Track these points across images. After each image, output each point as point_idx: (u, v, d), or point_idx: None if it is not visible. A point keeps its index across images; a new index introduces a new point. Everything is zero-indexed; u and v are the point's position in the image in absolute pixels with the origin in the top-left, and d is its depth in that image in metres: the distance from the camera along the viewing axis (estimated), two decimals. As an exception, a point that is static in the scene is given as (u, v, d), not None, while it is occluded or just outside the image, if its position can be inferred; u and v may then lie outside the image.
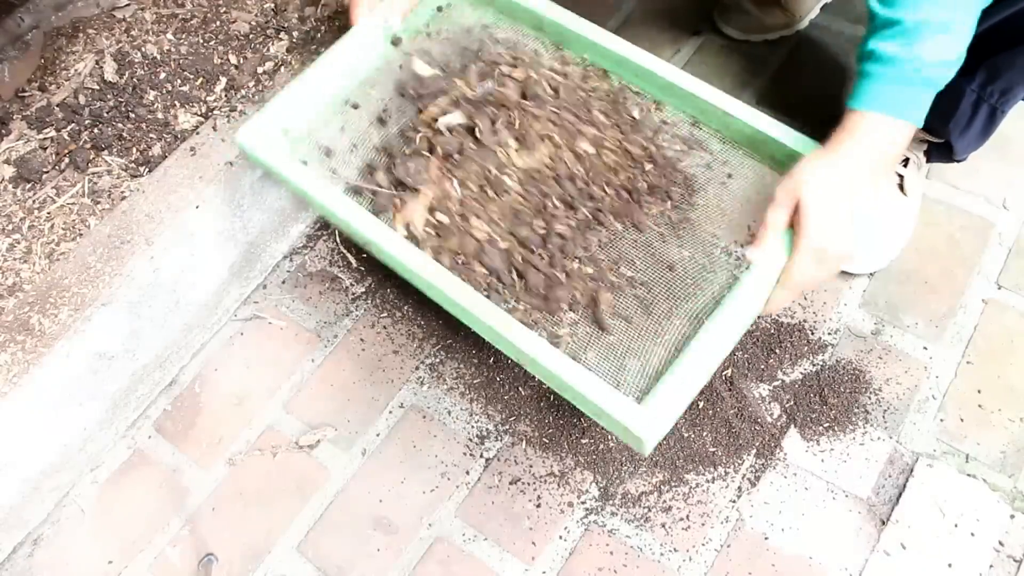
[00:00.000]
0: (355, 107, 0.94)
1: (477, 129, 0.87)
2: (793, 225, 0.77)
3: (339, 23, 1.18)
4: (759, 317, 1.05)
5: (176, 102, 1.11)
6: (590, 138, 0.87)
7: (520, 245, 0.84)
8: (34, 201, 1.03)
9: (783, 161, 0.84)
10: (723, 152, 0.89)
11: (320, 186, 0.85)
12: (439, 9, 1.01)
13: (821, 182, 0.75)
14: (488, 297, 0.79)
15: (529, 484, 0.97)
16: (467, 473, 0.98)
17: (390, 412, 1.03)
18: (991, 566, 0.88)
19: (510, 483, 0.97)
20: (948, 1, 0.71)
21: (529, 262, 0.82)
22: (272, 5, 1.21)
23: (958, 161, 1.08)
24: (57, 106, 1.10)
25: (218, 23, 1.19)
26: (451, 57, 0.97)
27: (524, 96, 0.89)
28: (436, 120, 0.90)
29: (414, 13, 0.98)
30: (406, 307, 1.10)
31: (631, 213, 0.86)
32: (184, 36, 1.18)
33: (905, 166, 1.08)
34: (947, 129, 0.98)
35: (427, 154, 0.88)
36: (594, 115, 0.89)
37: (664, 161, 0.88)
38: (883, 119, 0.75)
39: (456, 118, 0.89)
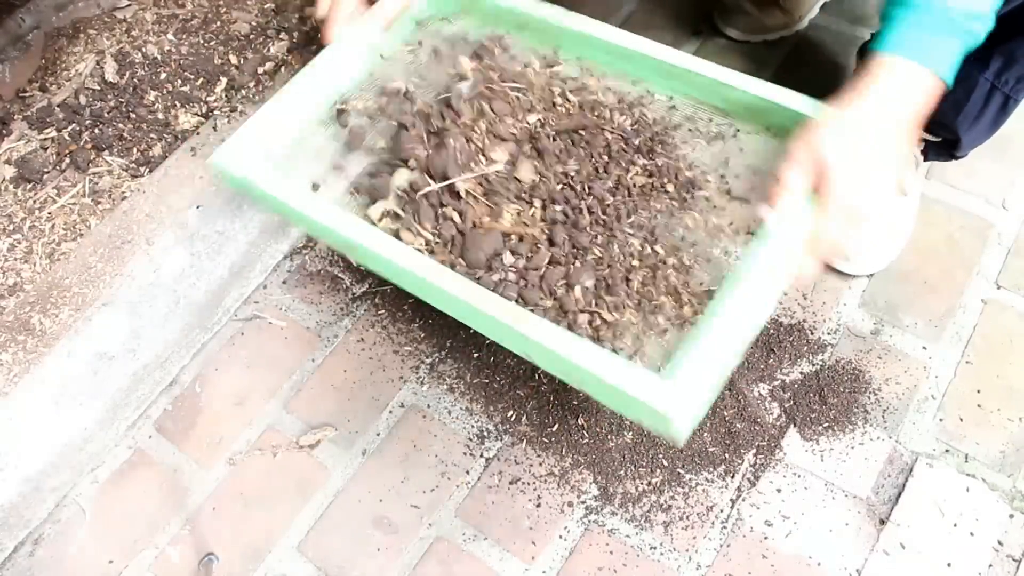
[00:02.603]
0: (344, 125, 0.89)
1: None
2: (815, 185, 0.71)
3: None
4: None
5: (177, 102, 1.11)
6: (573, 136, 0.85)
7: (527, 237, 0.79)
8: (35, 201, 1.03)
9: (791, 129, 0.77)
10: (726, 126, 0.84)
11: (315, 204, 0.79)
12: (418, 24, 0.95)
13: (845, 135, 0.69)
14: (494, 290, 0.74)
15: (529, 484, 0.97)
16: (467, 473, 0.98)
17: (390, 412, 1.04)
18: (990, 566, 0.88)
19: (510, 483, 0.97)
20: None
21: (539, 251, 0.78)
22: (272, 5, 1.22)
23: (956, 158, 1.08)
24: (58, 106, 1.10)
25: (219, 23, 1.20)
26: (436, 72, 0.92)
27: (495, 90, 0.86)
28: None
29: (394, 27, 0.93)
30: (406, 307, 1.11)
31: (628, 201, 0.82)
32: (185, 36, 1.18)
33: (904, 166, 1.08)
34: (956, 121, 0.96)
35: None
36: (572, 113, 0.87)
37: (660, 147, 0.84)
38: (908, 65, 0.70)
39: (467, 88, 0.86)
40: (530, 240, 0.79)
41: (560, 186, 0.83)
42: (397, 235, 0.80)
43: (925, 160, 1.10)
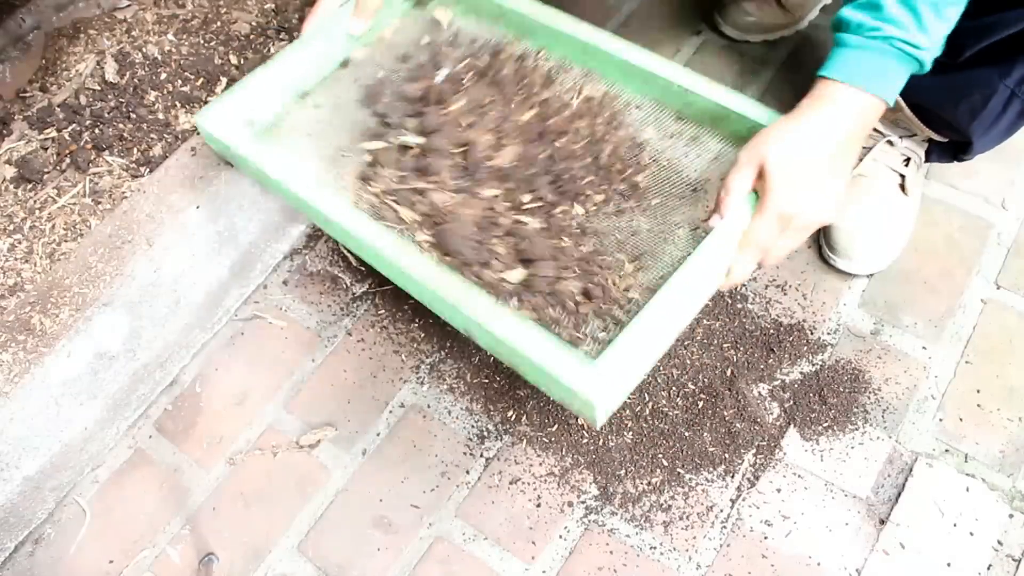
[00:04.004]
0: (316, 105, 0.93)
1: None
2: (757, 191, 0.75)
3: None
4: (741, 300, 1.05)
5: (177, 102, 1.11)
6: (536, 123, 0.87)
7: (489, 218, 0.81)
8: (35, 201, 1.03)
9: (747, 136, 0.80)
10: (682, 131, 0.87)
11: (289, 172, 0.83)
12: (403, 14, 1.00)
13: (787, 146, 0.73)
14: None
15: (529, 484, 0.97)
16: (467, 473, 0.99)
17: (390, 412, 1.04)
18: (990, 566, 0.88)
19: (510, 483, 0.97)
20: None
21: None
22: (272, 5, 1.22)
23: (961, 161, 1.08)
24: (58, 106, 1.10)
25: (219, 23, 1.20)
26: (409, 55, 0.96)
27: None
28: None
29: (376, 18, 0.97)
30: (406, 307, 1.11)
31: (583, 190, 0.84)
32: (185, 37, 1.18)
33: (906, 165, 1.08)
34: (971, 127, 0.96)
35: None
36: (539, 99, 0.89)
37: (617, 140, 0.86)
38: (848, 90, 0.73)
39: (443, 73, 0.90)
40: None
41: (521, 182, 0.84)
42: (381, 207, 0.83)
43: (927, 161, 1.10)
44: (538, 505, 0.96)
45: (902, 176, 1.07)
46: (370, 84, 0.94)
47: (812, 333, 1.04)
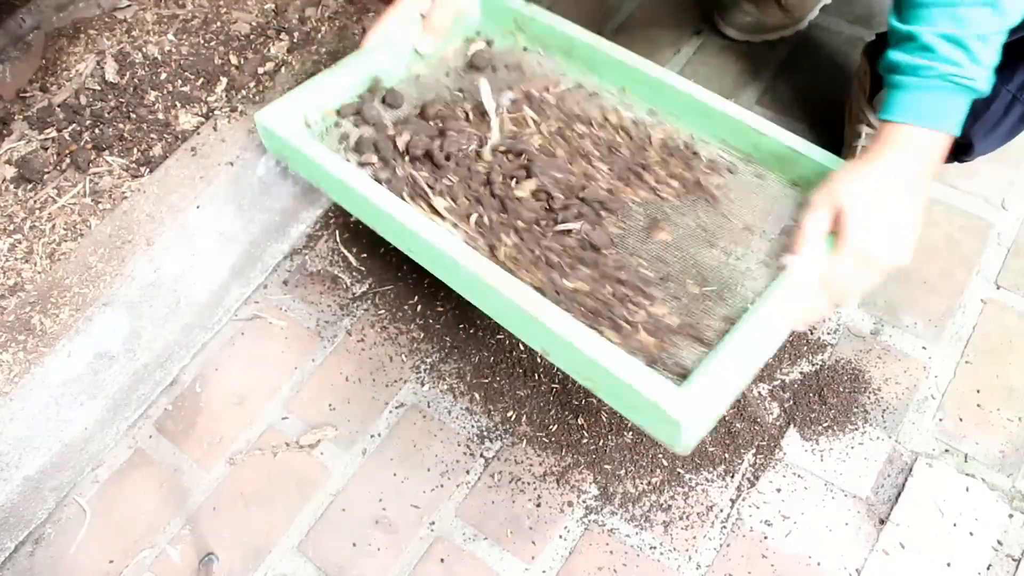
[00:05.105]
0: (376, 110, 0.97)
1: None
2: (834, 232, 0.76)
3: (339, 23, 1.18)
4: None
5: (177, 102, 1.11)
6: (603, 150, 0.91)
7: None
8: (35, 201, 1.03)
9: (811, 179, 0.83)
10: (751, 170, 0.89)
11: (349, 170, 0.86)
12: (467, 40, 1.03)
13: (861, 188, 0.75)
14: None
15: (529, 484, 0.97)
16: (467, 473, 0.99)
17: (390, 412, 1.04)
18: (989, 566, 0.88)
19: (510, 483, 0.97)
20: (962, 18, 0.72)
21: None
22: (273, 6, 1.22)
23: (962, 162, 1.08)
24: (58, 106, 1.10)
25: (219, 24, 1.20)
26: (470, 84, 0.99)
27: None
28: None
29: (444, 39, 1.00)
30: (406, 307, 1.11)
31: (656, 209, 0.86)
32: (185, 37, 1.18)
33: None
34: (972, 129, 0.97)
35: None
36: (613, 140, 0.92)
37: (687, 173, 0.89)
38: (914, 129, 0.75)
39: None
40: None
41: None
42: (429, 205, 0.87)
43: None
44: (538, 505, 0.96)
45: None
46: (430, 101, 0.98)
47: (812, 333, 1.04)
